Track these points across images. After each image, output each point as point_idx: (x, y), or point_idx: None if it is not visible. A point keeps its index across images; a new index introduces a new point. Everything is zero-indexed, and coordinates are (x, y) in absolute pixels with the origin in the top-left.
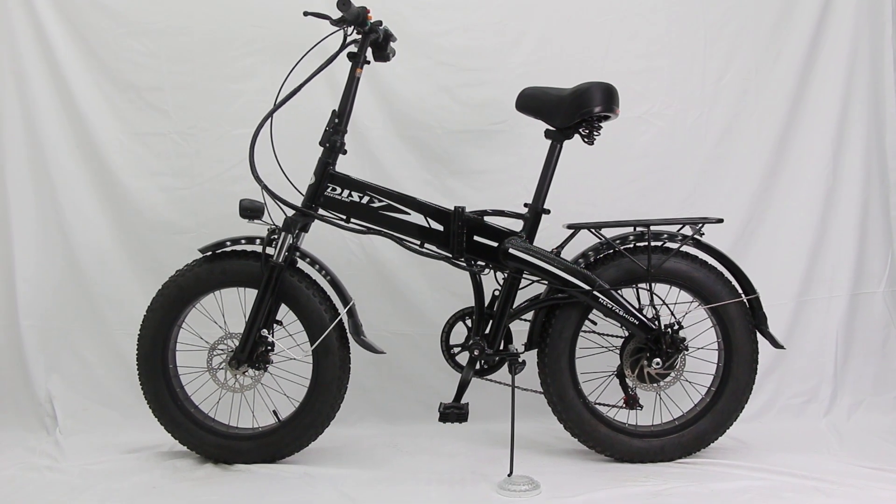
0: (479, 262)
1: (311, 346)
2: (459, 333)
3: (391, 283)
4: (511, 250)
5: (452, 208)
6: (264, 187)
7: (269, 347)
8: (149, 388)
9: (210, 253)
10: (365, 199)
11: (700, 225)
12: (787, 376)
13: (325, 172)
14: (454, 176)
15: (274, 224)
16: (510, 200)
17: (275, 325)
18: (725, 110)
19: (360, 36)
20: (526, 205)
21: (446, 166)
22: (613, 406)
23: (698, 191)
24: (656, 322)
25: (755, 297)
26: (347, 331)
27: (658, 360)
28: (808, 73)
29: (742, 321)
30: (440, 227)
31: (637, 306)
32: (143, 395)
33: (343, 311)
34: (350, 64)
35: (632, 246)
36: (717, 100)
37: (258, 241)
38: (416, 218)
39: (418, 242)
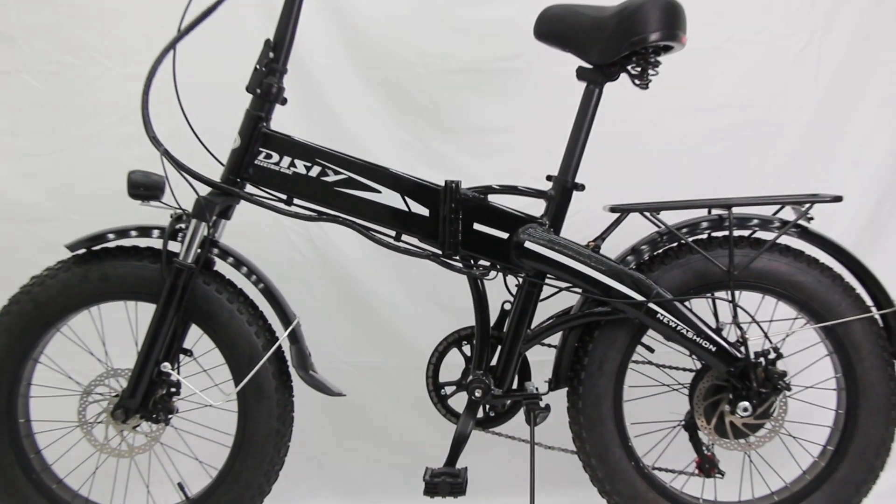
0: (482, 262)
1: (236, 386)
2: (454, 366)
3: (354, 294)
4: (528, 244)
5: (443, 184)
6: (165, 153)
7: (173, 389)
8: None
9: (84, 251)
10: (314, 171)
11: (808, 206)
12: None
13: (256, 131)
14: (445, 137)
15: (180, 208)
16: (527, 172)
17: (182, 355)
18: (847, 36)
19: None
20: (550, 178)
21: (433, 123)
22: (681, 473)
23: (804, 157)
24: (743, 349)
25: (893, 311)
26: (290, 363)
27: (746, 404)
28: None
29: (872, 347)
30: (425, 212)
31: (714, 325)
32: None
33: (283, 335)
34: None
35: (706, 237)
36: (834, 20)
37: (156, 232)
38: (390, 198)
39: (393, 234)
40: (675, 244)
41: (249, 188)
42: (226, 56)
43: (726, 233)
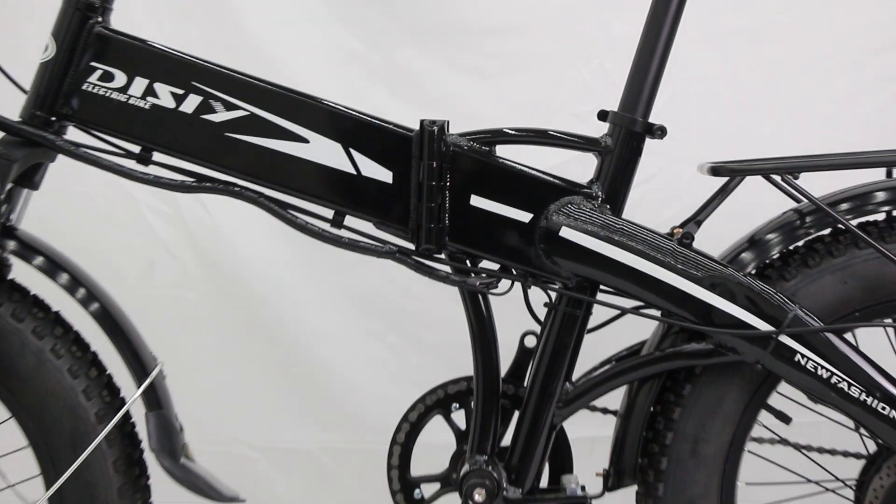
0: (486, 264)
1: (46, 489)
2: (436, 447)
3: (260, 320)
4: (567, 232)
5: (417, 127)
6: None
7: None
8: None
9: None
10: (190, 103)
11: None
12: None
13: (85, 32)
14: (419, 44)
15: None
16: (560, 106)
17: None
18: None
19: None
20: (604, 116)
21: (399, 20)
22: None
23: None
24: None
25: None
26: (149, 445)
27: None
28: None
29: None
30: (385, 175)
31: None
32: None
33: (134, 395)
34: None
35: (883, 220)
36: None
37: None
38: (324, 151)
39: (329, 214)
40: (828, 232)
41: (72, 133)
42: None
43: None
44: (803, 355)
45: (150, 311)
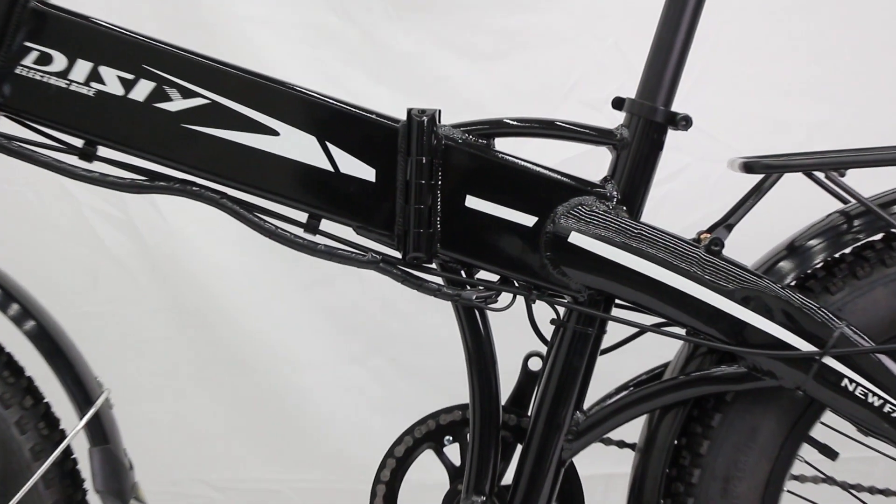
0: (483, 275)
1: None
2: (426, 487)
3: (222, 341)
4: (577, 238)
5: (404, 117)
6: None
7: None
8: None
9: None
10: (142, 89)
11: None
12: None
13: (17, 9)
14: (404, 19)
15: None
16: (570, 91)
17: None
18: None
19: None
20: (619, 104)
21: None
22: None
23: None
24: None
25: None
26: (94, 485)
27: None
28: None
29: None
30: (367, 172)
31: None
32: None
33: (78, 426)
34: None
35: None
36: None
37: None
38: (297, 144)
39: (305, 216)
40: (880, 237)
41: (3, 124)
42: None
43: None
44: (851, 380)
45: (95, 330)
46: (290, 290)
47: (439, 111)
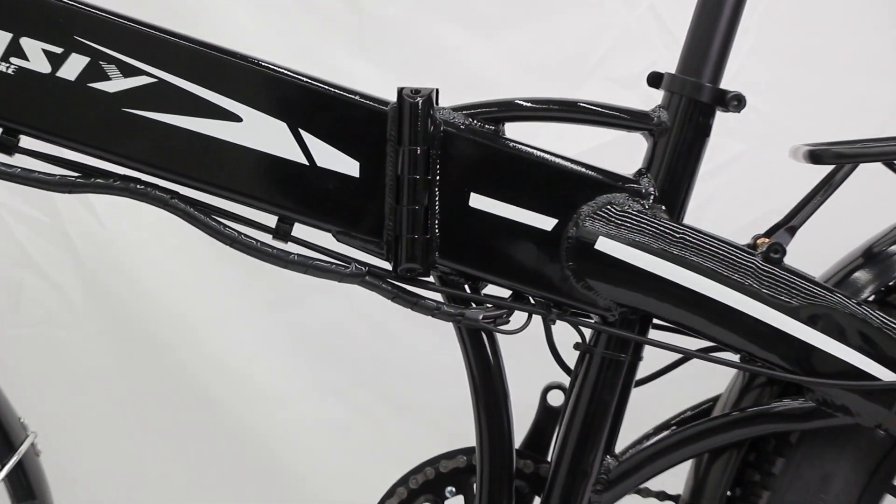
0: (492, 291)
1: None
2: None
3: (178, 373)
4: (605, 244)
5: (395, 99)
6: None
7: None
8: None
9: None
10: (75, 66)
11: None
12: None
13: None
14: None
15: None
16: (597, 67)
17: None
18: None
19: None
20: (655, 80)
21: None
22: None
23: None
24: None
25: None
26: None
27: None
28: None
29: None
30: (350, 166)
31: None
32: None
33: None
34: None
35: None
36: None
37: None
38: (262, 131)
39: (274, 220)
40: None
41: None
42: None
43: None
44: None
45: (17, 359)
46: (256, 310)
47: (437, 91)
